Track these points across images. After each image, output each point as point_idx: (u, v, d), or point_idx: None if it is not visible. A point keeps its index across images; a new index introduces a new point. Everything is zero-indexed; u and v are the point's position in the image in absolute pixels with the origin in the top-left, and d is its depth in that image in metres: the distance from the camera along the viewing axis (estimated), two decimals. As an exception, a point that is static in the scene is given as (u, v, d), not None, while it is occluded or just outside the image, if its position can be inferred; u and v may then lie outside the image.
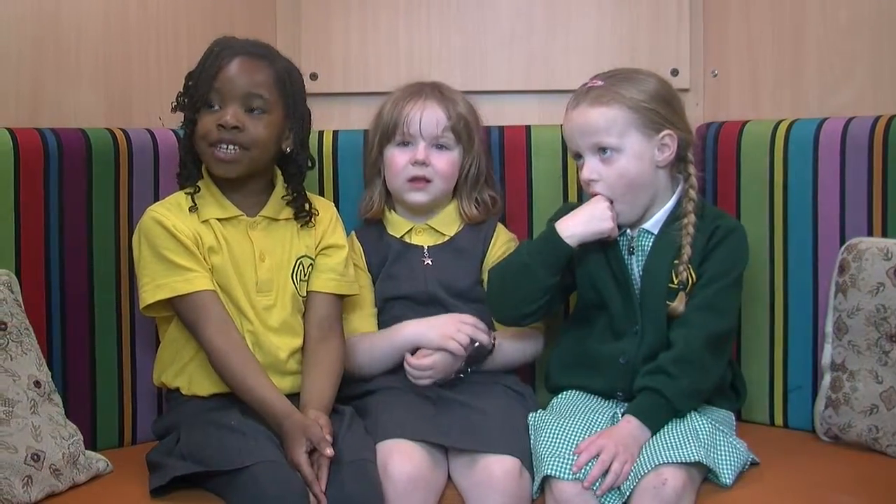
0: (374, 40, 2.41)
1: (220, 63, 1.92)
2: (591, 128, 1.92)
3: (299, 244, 2.01)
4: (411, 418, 1.89)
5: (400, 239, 2.12)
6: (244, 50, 1.95)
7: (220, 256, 1.94)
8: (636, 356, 1.93)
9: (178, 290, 1.89)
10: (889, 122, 2.00)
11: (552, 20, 2.40)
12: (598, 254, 1.96)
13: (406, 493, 1.78)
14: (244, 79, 1.92)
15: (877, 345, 1.92)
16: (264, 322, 1.95)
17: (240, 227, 1.97)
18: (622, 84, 1.93)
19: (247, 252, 1.96)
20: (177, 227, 1.91)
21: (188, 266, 1.90)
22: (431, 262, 2.10)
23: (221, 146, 1.92)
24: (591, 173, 1.93)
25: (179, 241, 1.90)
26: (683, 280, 1.91)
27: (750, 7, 2.31)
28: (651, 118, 1.92)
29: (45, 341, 1.92)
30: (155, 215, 1.92)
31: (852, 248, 1.97)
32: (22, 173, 1.91)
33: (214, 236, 1.94)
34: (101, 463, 1.84)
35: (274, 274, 1.97)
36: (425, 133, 2.08)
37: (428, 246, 2.12)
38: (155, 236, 1.91)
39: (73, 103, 2.10)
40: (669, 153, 1.94)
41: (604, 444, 1.78)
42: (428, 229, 2.13)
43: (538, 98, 2.39)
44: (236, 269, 1.95)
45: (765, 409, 2.13)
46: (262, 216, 1.99)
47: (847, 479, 1.83)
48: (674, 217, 1.96)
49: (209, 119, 1.92)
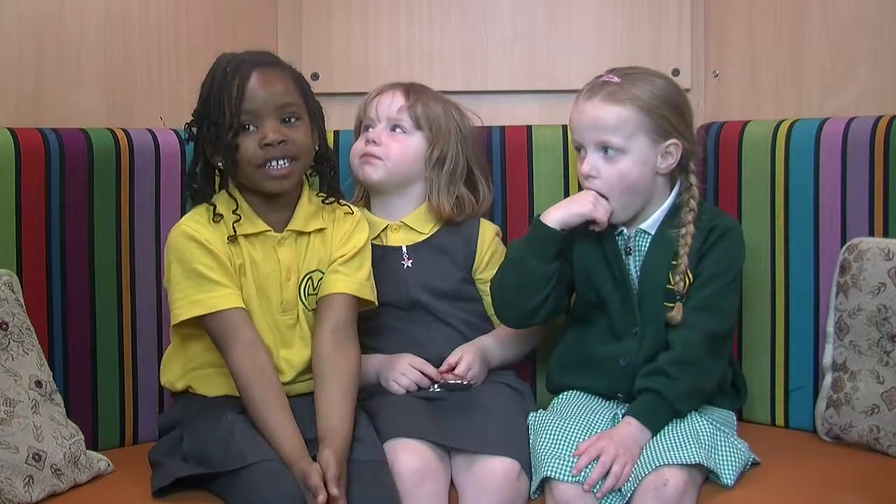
0: (375, 40, 2.41)
1: (240, 82, 1.85)
2: (600, 124, 1.90)
3: (313, 258, 1.95)
4: (414, 418, 1.89)
5: (374, 242, 2.06)
6: (256, 62, 1.89)
7: (247, 276, 1.90)
8: (636, 357, 1.92)
9: (212, 306, 1.84)
10: (890, 122, 2.00)
11: (553, 20, 2.40)
12: (596, 254, 1.96)
13: (415, 486, 1.79)
14: (271, 92, 1.87)
15: (878, 345, 1.92)
16: (285, 340, 1.93)
17: (267, 245, 1.92)
18: (638, 84, 1.90)
19: (273, 271, 1.92)
20: (210, 241, 1.86)
21: (222, 281, 1.85)
22: (412, 264, 2.08)
23: (271, 164, 1.87)
24: (590, 169, 1.92)
25: (213, 255, 1.86)
26: (680, 290, 1.90)
27: (751, 7, 2.31)
28: (661, 124, 1.90)
29: (47, 341, 1.92)
30: (186, 229, 1.87)
31: (853, 248, 1.97)
32: (23, 173, 1.91)
33: (242, 255, 1.90)
34: (102, 463, 1.84)
35: (296, 292, 1.94)
36: (381, 114, 2.09)
37: (406, 246, 2.10)
38: (186, 250, 1.86)
39: (74, 103, 2.10)
40: (672, 161, 1.93)
41: (604, 446, 1.78)
42: (403, 227, 2.10)
43: (539, 98, 2.39)
44: (262, 288, 1.91)
45: (766, 409, 2.13)
46: (290, 230, 1.94)
47: (848, 480, 1.82)
48: (671, 216, 1.95)
49: (249, 142, 1.87)
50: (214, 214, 1.90)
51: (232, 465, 1.72)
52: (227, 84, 1.86)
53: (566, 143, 2.22)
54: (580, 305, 2.03)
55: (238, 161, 1.87)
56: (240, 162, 1.87)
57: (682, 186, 1.97)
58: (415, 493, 1.78)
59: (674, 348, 1.88)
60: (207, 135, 1.88)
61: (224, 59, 1.90)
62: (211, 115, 1.87)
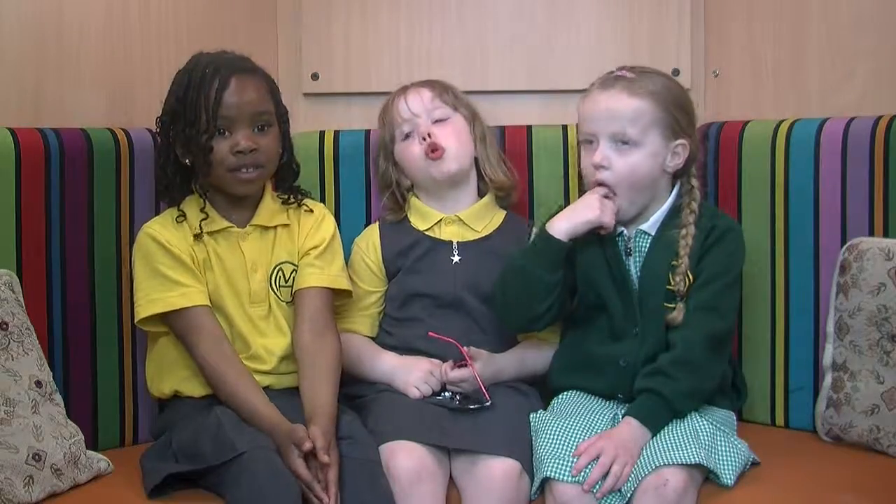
0: (375, 40, 2.41)
1: (218, 87, 1.90)
2: (618, 114, 1.89)
3: (281, 250, 2.00)
4: (413, 420, 1.89)
5: (426, 233, 2.09)
6: (235, 67, 1.93)
7: (213, 271, 1.95)
8: (636, 358, 1.92)
9: (172, 304, 1.90)
10: (890, 122, 2.00)
11: (553, 20, 2.39)
12: (597, 255, 1.96)
13: (411, 486, 1.79)
14: (247, 99, 1.92)
15: (878, 345, 1.92)
16: (259, 330, 1.96)
17: (231, 240, 1.97)
18: (654, 81, 1.92)
19: (239, 264, 1.97)
20: (171, 242, 1.92)
21: (183, 281, 1.91)
22: (460, 260, 2.08)
23: (242, 170, 1.93)
24: (602, 159, 1.90)
25: (174, 256, 1.92)
26: (681, 291, 1.90)
27: (751, 6, 2.31)
28: (673, 122, 1.91)
29: (47, 341, 1.92)
30: (150, 231, 1.94)
31: (853, 248, 1.97)
32: (23, 173, 1.92)
33: (206, 251, 1.95)
34: (102, 463, 1.84)
35: (265, 284, 1.98)
36: (417, 110, 2.10)
37: (457, 241, 2.10)
38: (150, 252, 1.92)
39: (74, 103, 2.10)
40: (679, 161, 1.93)
41: (603, 447, 1.78)
42: (457, 221, 2.10)
43: (539, 98, 2.38)
44: (230, 282, 1.96)
45: (766, 409, 2.13)
46: (254, 225, 1.99)
47: (848, 480, 1.82)
48: (671, 218, 1.95)
49: (222, 146, 1.91)
50: (178, 216, 1.95)
51: (224, 456, 1.73)
52: (206, 86, 1.90)
53: (566, 143, 2.22)
54: (581, 306, 2.03)
55: (211, 162, 1.92)
56: (213, 163, 1.92)
57: (683, 188, 1.97)
58: (411, 495, 1.78)
59: (674, 348, 1.88)
60: (181, 134, 1.92)
61: (203, 59, 1.94)
62: (186, 114, 1.91)
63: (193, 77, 1.91)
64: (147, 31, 2.22)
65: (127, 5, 2.19)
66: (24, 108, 2.04)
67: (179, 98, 1.92)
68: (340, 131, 2.28)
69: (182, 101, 1.92)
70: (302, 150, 2.25)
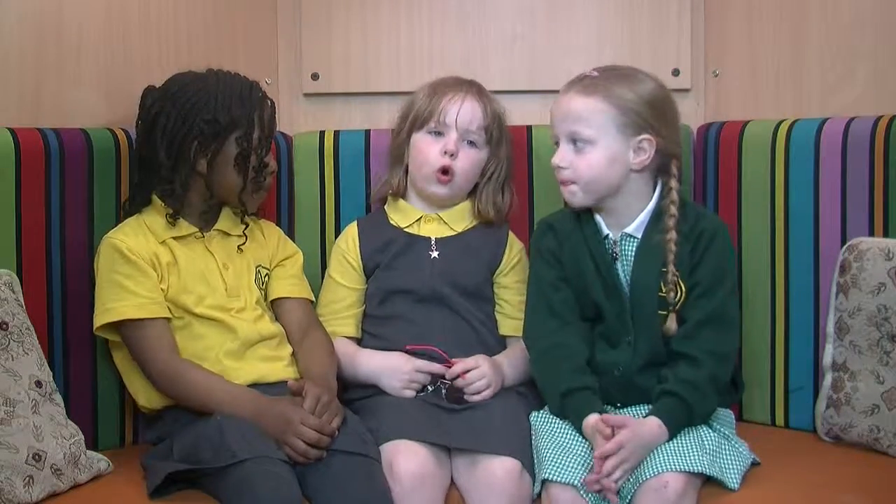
0: (375, 40, 2.41)
1: (272, 110, 2.01)
2: (571, 115, 1.90)
3: (256, 254, 2.04)
4: (414, 419, 1.89)
5: (405, 230, 2.10)
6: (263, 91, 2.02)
7: (180, 271, 1.95)
8: (630, 367, 1.91)
9: (124, 314, 1.90)
10: (890, 122, 2.00)
11: (553, 20, 2.40)
12: (586, 261, 1.94)
13: (412, 490, 1.79)
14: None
15: (878, 345, 1.92)
16: (242, 318, 1.97)
17: (197, 243, 2.00)
18: (616, 80, 1.91)
19: (210, 263, 1.99)
20: (132, 250, 1.93)
21: (138, 292, 1.91)
22: (438, 255, 2.09)
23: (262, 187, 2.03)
24: (560, 160, 1.92)
25: (134, 265, 1.92)
26: (672, 299, 1.89)
27: (751, 6, 2.31)
28: (633, 119, 1.89)
29: (47, 341, 1.92)
30: (112, 241, 1.94)
31: (853, 248, 1.97)
32: (23, 173, 1.91)
33: (172, 254, 1.96)
34: (102, 463, 1.84)
35: (238, 280, 2.00)
36: (460, 125, 2.07)
37: (436, 238, 2.10)
38: (109, 261, 1.93)
39: (74, 103, 2.10)
40: (645, 157, 1.90)
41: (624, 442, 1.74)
42: (437, 220, 2.11)
43: (539, 98, 2.38)
44: (203, 278, 1.97)
45: (766, 409, 2.13)
46: (216, 230, 2.02)
47: (848, 480, 1.83)
48: (655, 220, 1.92)
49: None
50: (144, 223, 1.98)
51: (223, 461, 1.73)
52: (259, 106, 1.99)
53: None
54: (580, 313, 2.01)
55: (266, 177, 2.01)
56: (265, 178, 2.01)
57: (664, 189, 1.94)
58: (412, 495, 1.78)
59: (704, 365, 1.84)
60: (238, 147, 1.96)
61: (244, 80, 2.01)
62: (237, 126, 1.96)
63: (243, 94, 1.98)
64: (147, 31, 2.22)
65: (127, 5, 2.19)
66: (24, 108, 2.03)
67: (227, 108, 1.95)
68: (340, 131, 2.28)
69: (230, 111, 1.95)
70: (302, 150, 2.25)
